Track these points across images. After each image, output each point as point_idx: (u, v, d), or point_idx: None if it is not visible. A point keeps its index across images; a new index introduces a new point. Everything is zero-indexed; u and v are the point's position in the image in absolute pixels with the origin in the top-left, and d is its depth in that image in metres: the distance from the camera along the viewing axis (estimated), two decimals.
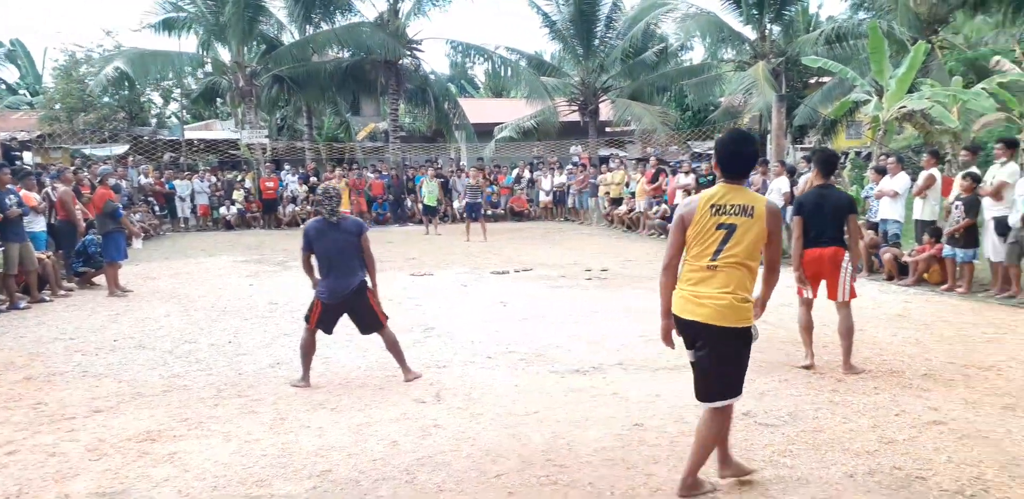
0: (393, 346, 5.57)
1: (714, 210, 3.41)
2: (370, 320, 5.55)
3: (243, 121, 23.39)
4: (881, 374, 5.45)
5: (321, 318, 5.48)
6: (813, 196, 5.67)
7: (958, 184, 9.02)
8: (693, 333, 3.48)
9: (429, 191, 17.68)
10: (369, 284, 5.54)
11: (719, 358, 3.45)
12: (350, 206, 18.08)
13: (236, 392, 5.34)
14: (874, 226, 10.44)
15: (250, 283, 10.37)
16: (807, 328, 5.74)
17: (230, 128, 28.13)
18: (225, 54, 22.94)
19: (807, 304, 5.77)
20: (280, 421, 4.72)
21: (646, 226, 16.41)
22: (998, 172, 8.50)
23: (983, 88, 13.32)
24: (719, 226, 3.39)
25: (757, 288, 3.58)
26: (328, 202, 5.45)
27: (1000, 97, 13.53)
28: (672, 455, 4.04)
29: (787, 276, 9.64)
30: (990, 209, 8.54)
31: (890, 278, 9.70)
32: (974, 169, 9.21)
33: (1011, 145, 8.90)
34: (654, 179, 16.58)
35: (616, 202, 18.23)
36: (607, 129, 27.37)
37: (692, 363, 3.58)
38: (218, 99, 27.29)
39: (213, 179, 20.57)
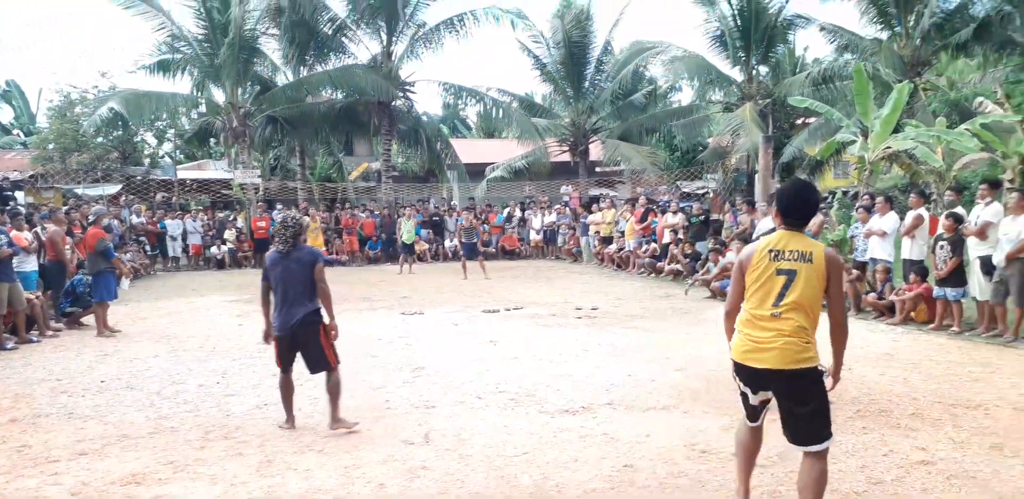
0: (334, 389, 5.32)
1: (773, 255, 3.49)
2: (317, 357, 5.33)
3: (236, 161, 23.54)
4: (869, 414, 5.46)
5: (279, 354, 5.39)
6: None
7: (942, 224, 9.14)
8: (761, 381, 3.54)
9: (407, 230, 17.77)
10: (325, 318, 5.35)
11: (795, 401, 3.47)
12: (327, 245, 17.88)
13: (223, 434, 5.30)
14: (862, 266, 10.53)
15: (240, 323, 10.33)
16: None
17: (223, 168, 28.32)
18: (219, 95, 23.20)
19: None
20: (267, 463, 4.68)
21: (635, 265, 16.49)
22: (982, 212, 8.62)
23: (966, 129, 13.60)
24: (779, 272, 3.46)
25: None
26: (282, 231, 5.38)
27: (983, 138, 13.79)
28: (662, 497, 4.02)
29: None
30: (975, 248, 8.64)
31: (879, 316, 9.76)
32: (958, 209, 9.35)
33: (995, 185, 9.06)
34: (643, 218, 16.72)
35: (606, 241, 18.34)
36: (597, 169, 27.68)
37: (758, 406, 3.69)
38: (211, 139, 27.53)
39: (205, 218, 20.62)
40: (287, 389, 5.45)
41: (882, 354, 7.57)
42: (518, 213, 22.55)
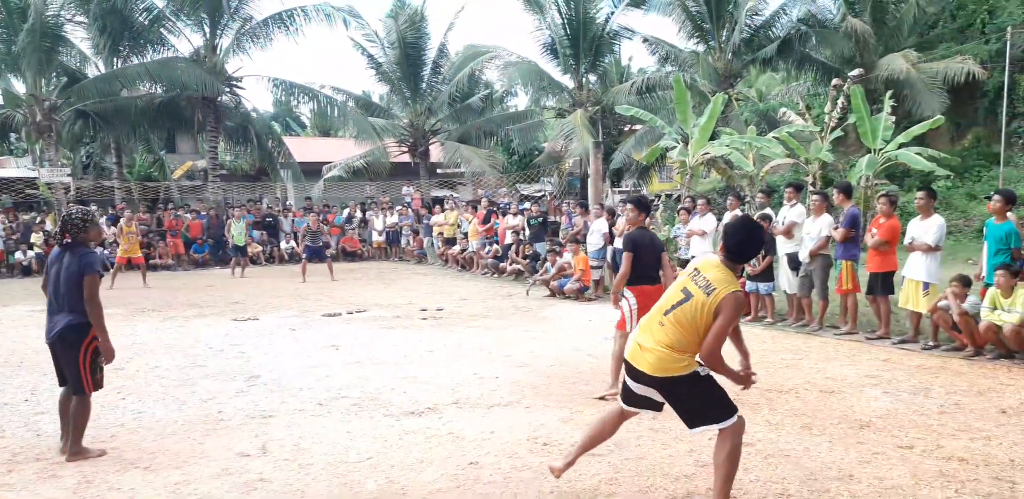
0: (77, 417, 4.74)
1: (692, 273, 3.68)
2: (71, 375, 4.76)
3: (42, 158, 21.47)
4: None
5: (54, 364, 4.87)
6: (642, 236, 6.12)
7: None
8: (642, 378, 3.72)
9: (238, 232, 16.99)
10: (91, 334, 4.75)
11: (674, 399, 3.71)
12: (148, 248, 16.34)
13: (34, 455, 4.82)
14: (685, 263, 11.20)
15: None
16: (620, 358, 5.99)
17: (27, 166, 25.78)
18: (19, 86, 21.08)
19: (626, 336, 5.98)
20: (86, 484, 4.30)
21: (479, 265, 16.68)
22: (788, 213, 9.45)
23: (774, 137, 14.88)
24: (684, 289, 3.63)
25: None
26: (63, 224, 4.83)
27: (788, 145, 15.14)
28: (506, 491, 4.09)
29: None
30: (783, 246, 9.45)
31: None
32: (767, 210, 10.18)
33: (799, 189, 9.92)
34: (486, 220, 16.94)
35: (450, 242, 18.42)
36: (439, 171, 27.74)
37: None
38: (12, 134, 24.92)
39: (7, 221, 18.66)
40: (63, 406, 4.89)
41: None
42: (359, 214, 22.15)
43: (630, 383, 3.82)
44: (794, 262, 9.21)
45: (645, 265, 5.98)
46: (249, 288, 14.49)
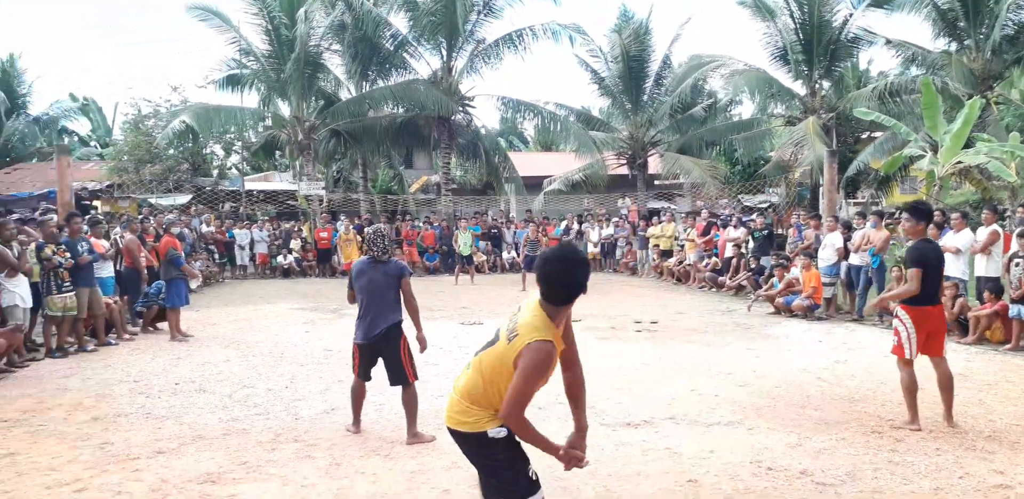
0: (409, 403, 5.35)
1: (515, 310, 3.05)
2: (396, 372, 5.38)
3: (301, 173, 24.17)
4: (943, 435, 5.31)
5: (359, 362, 5.48)
6: (929, 249, 5.52)
7: (1016, 242, 8.84)
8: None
9: (464, 242, 17.98)
10: (412, 330, 5.44)
11: (470, 460, 3.14)
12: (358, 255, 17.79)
13: (293, 437, 5.45)
14: None
15: (306, 330, 10.60)
16: (912, 389, 5.57)
17: (288, 180, 29.04)
18: (285, 109, 23.91)
19: (909, 364, 5.59)
20: (335, 466, 4.80)
21: (696, 279, 16.32)
22: None
23: None
24: (497, 328, 3.06)
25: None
26: (378, 241, 5.41)
27: None
28: None
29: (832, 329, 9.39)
30: None
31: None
32: None
33: None
34: (705, 232, 16.56)
35: (665, 254, 18.20)
36: (656, 182, 27.52)
37: None
38: (277, 152, 28.31)
39: (271, 228, 21.17)
40: (359, 394, 5.56)
41: (955, 374, 7.29)
42: (575, 226, 22.55)
43: None
44: None
45: (929, 283, 5.40)
46: (475, 295, 15.27)
